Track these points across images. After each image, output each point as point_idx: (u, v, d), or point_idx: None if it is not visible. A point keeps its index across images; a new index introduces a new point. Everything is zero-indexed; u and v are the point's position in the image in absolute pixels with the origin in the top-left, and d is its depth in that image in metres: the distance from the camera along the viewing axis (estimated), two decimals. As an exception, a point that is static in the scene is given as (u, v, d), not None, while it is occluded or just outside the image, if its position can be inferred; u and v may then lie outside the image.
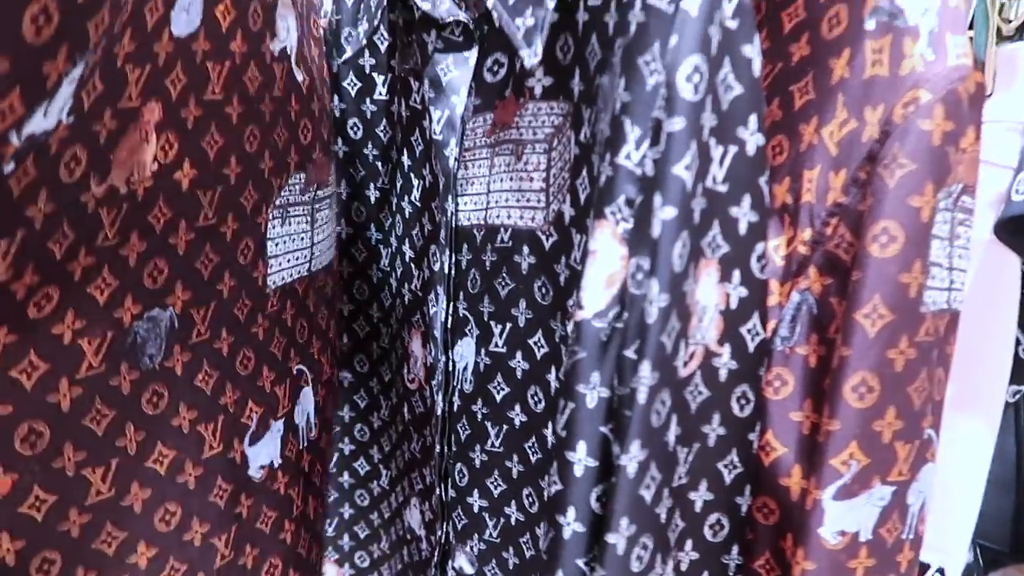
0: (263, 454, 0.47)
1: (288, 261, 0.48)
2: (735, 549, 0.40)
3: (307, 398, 0.52)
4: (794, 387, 0.38)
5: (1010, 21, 0.47)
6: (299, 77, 0.46)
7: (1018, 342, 0.50)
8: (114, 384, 0.35)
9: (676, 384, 0.35)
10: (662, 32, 0.31)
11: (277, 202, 0.45)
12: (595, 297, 0.35)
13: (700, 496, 0.39)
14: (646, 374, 0.33)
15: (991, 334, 0.47)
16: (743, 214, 0.35)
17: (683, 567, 0.39)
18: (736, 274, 0.36)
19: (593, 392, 0.35)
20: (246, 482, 0.45)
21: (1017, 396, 0.54)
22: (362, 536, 0.69)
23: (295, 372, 0.50)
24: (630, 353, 0.34)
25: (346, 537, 0.69)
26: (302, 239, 0.49)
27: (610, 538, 0.34)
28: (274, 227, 0.45)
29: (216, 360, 0.41)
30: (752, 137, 0.35)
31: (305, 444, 0.52)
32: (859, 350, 0.34)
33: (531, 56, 0.41)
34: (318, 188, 0.49)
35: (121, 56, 0.30)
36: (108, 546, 0.36)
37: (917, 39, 0.33)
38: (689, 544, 0.39)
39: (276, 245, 0.47)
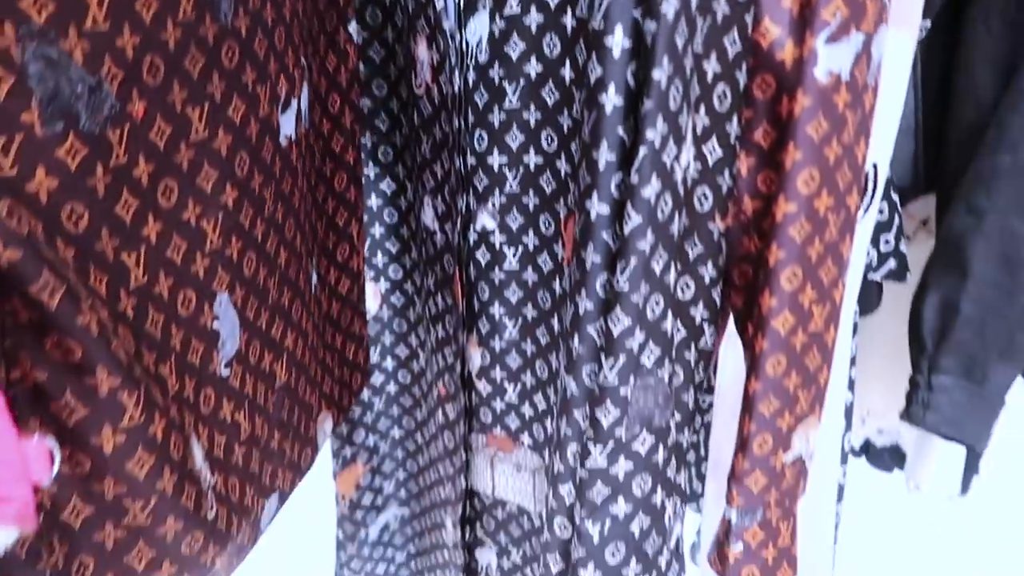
0: (289, 123, 0.53)
1: None
2: (735, 120, 0.52)
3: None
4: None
5: None
6: None
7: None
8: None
9: None
10: None
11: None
12: None
13: (711, 67, 0.49)
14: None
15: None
16: None
17: (698, 129, 0.51)
18: None
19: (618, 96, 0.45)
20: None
21: (924, 32, 0.67)
22: (394, 251, 0.77)
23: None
24: None
25: (379, 255, 0.77)
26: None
27: (655, 74, 0.45)
28: None
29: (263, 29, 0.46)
30: None
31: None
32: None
33: None
34: None
35: None
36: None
37: None
38: (703, 109, 0.50)
39: None
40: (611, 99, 0.47)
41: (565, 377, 0.55)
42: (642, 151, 0.47)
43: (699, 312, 0.57)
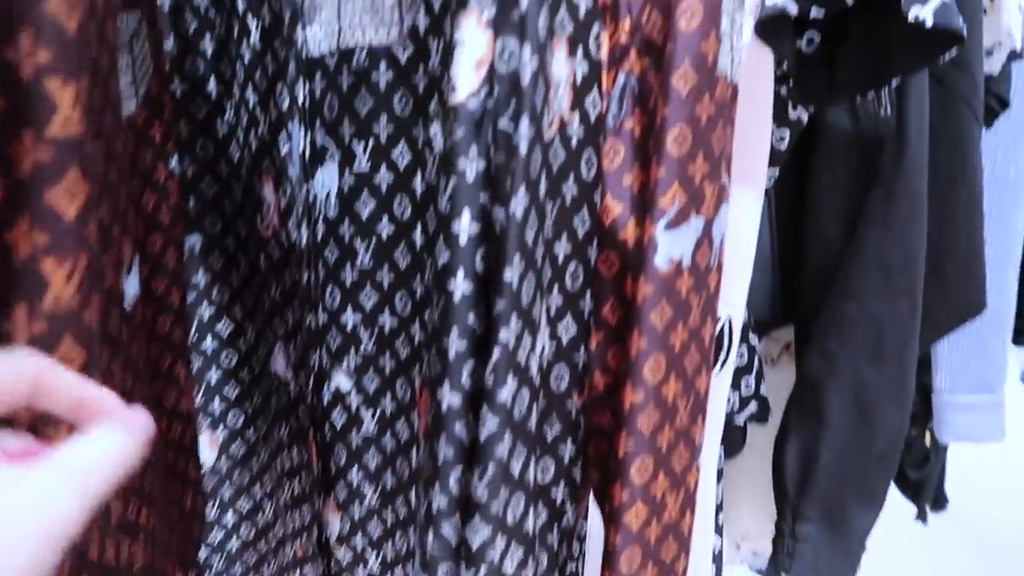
0: (132, 285, 0.49)
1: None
2: (588, 296, 0.49)
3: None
4: (624, 155, 0.47)
5: None
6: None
7: (772, 131, 0.63)
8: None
9: (544, 145, 0.42)
10: None
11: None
12: (467, 80, 0.41)
13: (562, 248, 0.47)
14: (524, 130, 0.40)
15: (755, 120, 0.59)
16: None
17: (552, 311, 0.48)
18: (579, 51, 0.43)
19: (472, 165, 0.42)
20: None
21: (772, 180, 0.68)
22: (233, 396, 0.71)
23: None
24: (504, 123, 0.40)
25: (217, 401, 0.71)
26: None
27: (507, 274, 0.41)
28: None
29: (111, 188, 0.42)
30: None
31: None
32: (675, 108, 0.43)
33: None
34: None
35: None
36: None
37: None
38: (556, 289, 0.47)
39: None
40: (459, 286, 0.44)
41: None
42: (496, 352, 0.43)
43: (559, 492, 0.54)
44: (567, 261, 0.47)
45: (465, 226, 0.43)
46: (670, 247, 0.45)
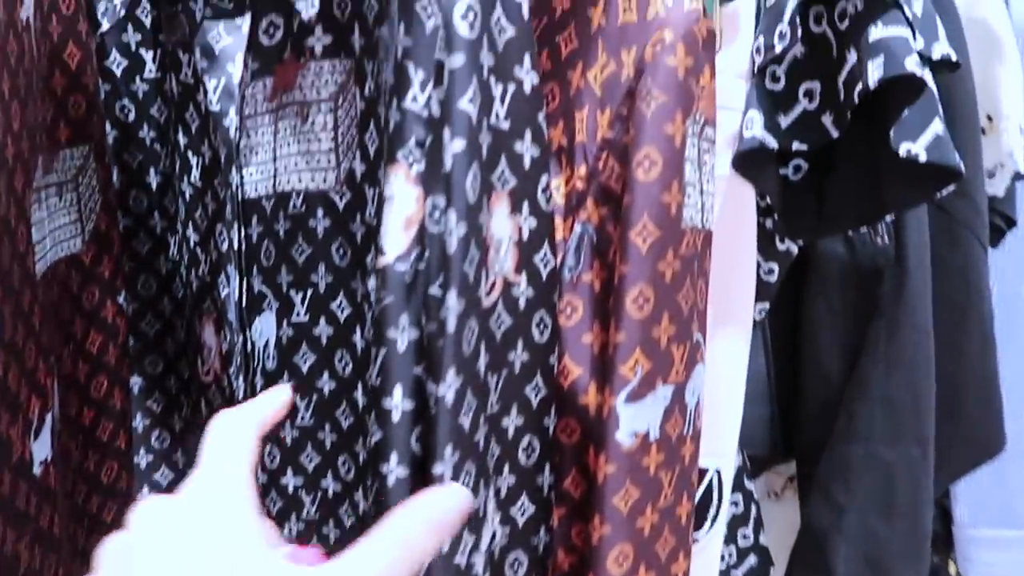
0: (43, 448, 0.44)
1: (45, 249, 0.46)
2: (547, 469, 0.43)
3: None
4: (583, 312, 0.42)
5: (729, -15, 0.54)
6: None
7: (759, 264, 0.58)
8: None
9: (481, 314, 0.37)
10: (435, -22, 0.33)
11: (34, 184, 0.43)
12: (396, 241, 0.36)
13: (512, 421, 0.41)
14: (453, 303, 0.35)
15: (737, 258, 0.54)
16: (526, 149, 0.38)
17: (503, 493, 0.42)
18: (525, 206, 0.39)
19: (403, 335, 0.36)
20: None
21: (763, 313, 0.62)
22: None
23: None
24: (435, 289, 0.36)
25: None
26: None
27: (437, 468, 0.36)
28: (34, 211, 0.43)
29: (15, 351, 0.39)
30: (528, 76, 0.38)
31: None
32: (635, 265, 0.38)
33: (308, 7, 0.41)
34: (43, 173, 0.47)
35: None
36: None
37: (658, -12, 0.38)
38: (506, 468, 0.41)
39: (36, 230, 0.44)
40: (393, 471, 0.38)
41: None
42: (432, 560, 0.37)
43: None
44: (519, 434, 0.42)
45: (397, 402, 0.37)
46: (633, 421, 0.40)
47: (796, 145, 0.49)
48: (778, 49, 0.48)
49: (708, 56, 0.40)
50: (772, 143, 0.49)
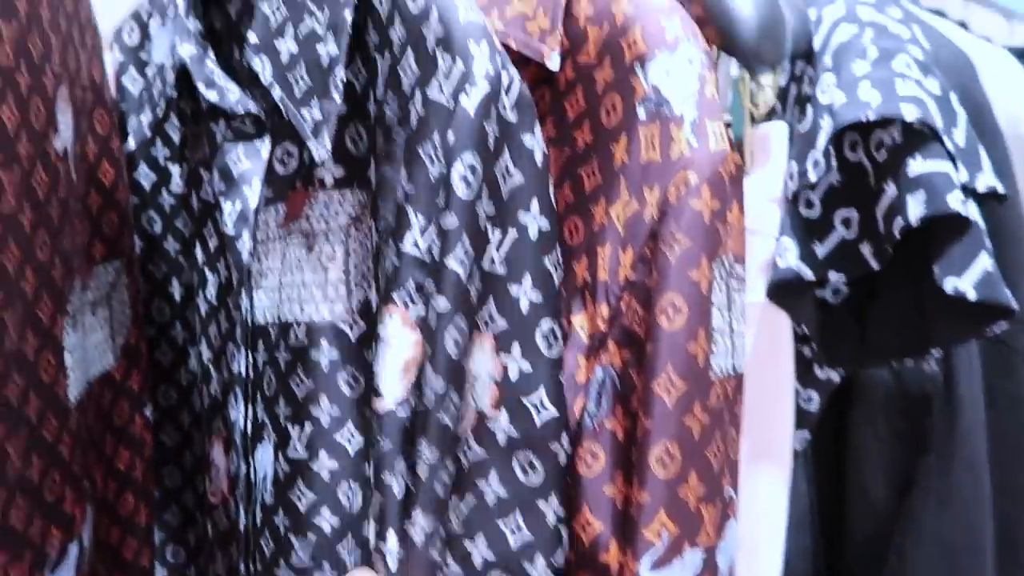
0: None
1: (82, 371, 0.45)
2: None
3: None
4: (605, 461, 0.39)
5: (759, 107, 0.53)
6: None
7: (797, 392, 0.55)
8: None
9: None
10: (441, 125, 0.32)
11: (69, 309, 0.42)
12: (393, 386, 0.34)
13: (479, 551, 0.38)
14: (427, 453, 0.33)
15: (774, 387, 0.51)
16: (524, 293, 0.37)
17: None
18: (516, 347, 0.37)
19: (400, 480, 0.34)
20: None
21: (803, 442, 0.58)
22: None
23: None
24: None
25: None
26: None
27: None
28: (68, 335, 0.42)
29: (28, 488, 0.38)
30: (535, 220, 0.36)
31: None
32: (659, 420, 0.35)
33: (319, 149, 0.40)
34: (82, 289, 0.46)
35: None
36: None
37: (682, 126, 0.36)
38: None
39: (71, 355, 0.43)
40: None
41: None
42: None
43: None
44: (488, 568, 0.38)
45: (392, 547, 0.35)
46: (659, 588, 0.36)
47: (834, 276, 0.46)
48: (812, 176, 0.46)
49: (736, 192, 0.38)
50: (808, 274, 0.46)
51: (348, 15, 0.39)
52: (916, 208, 0.40)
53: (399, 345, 0.34)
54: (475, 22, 0.36)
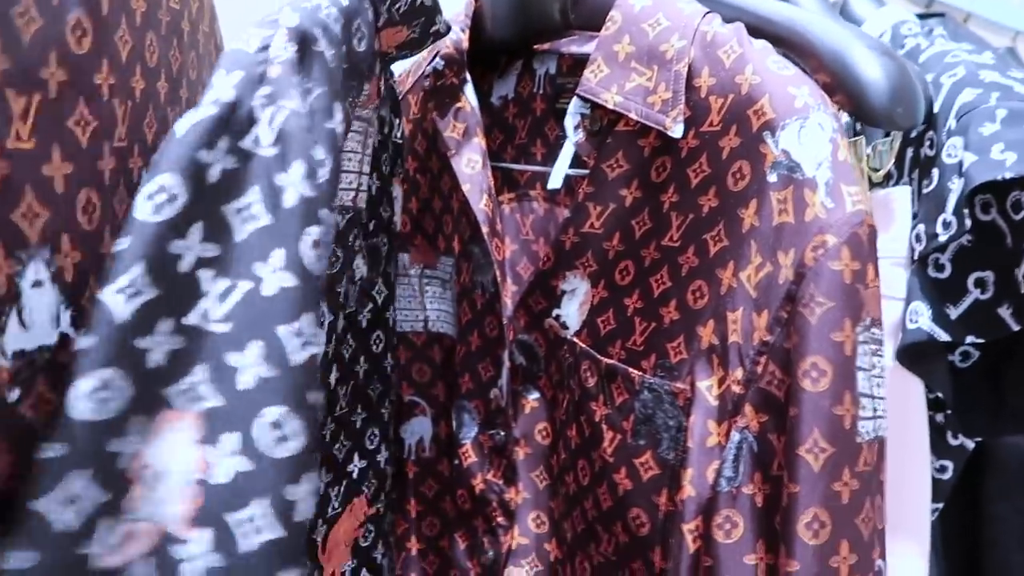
0: None
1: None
2: None
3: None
4: (744, 529, 0.38)
5: (877, 170, 0.52)
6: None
7: (931, 462, 0.52)
8: None
9: None
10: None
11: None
12: None
13: None
14: None
15: (910, 456, 0.49)
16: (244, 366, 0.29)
17: None
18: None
19: None
20: None
21: (935, 513, 0.55)
22: None
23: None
24: None
25: None
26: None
27: None
28: None
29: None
30: (274, 275, 0.30)
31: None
32: (807, 485, 0.34)
33: None
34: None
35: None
36: None
37: (816, 189, 0.36)
38: None
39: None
40: None
41: None
42: None
43: None
44: None
45: None
46: None
47: (970, 338, 0.45)
48: (942, 238, 0.45)
49: (872, 254, 0.38)
50: (943, 335, 0.45)
51: None
52: (1062, 268, 0.39)
53: None
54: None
